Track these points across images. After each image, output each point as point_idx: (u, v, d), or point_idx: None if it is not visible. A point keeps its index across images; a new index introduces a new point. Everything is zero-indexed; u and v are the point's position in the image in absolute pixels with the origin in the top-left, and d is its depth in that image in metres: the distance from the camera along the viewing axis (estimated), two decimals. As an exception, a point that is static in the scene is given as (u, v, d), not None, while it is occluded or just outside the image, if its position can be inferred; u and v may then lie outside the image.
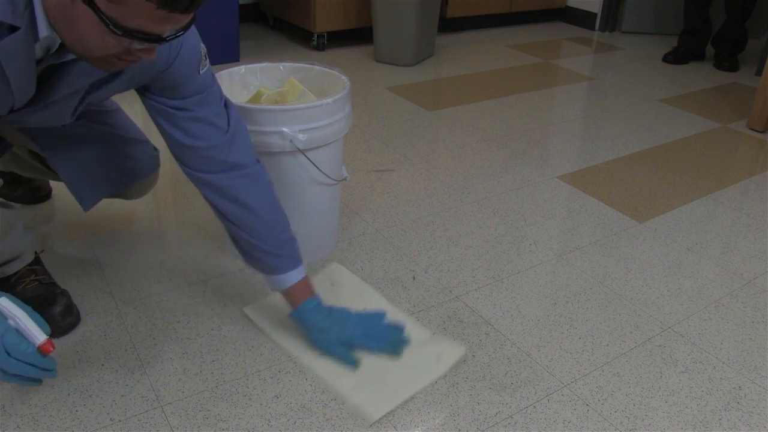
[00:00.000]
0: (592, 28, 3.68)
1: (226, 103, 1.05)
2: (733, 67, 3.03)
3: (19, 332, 0.82)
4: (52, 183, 1.62)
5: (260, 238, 1.08)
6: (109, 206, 1.56)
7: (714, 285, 1.40)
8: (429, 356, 1.12)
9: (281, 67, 1.43)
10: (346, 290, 1.30)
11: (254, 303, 1.25)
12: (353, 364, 1.09)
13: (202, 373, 1.08)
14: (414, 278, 1.37)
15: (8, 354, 0.80)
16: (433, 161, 1.92)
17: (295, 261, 1.11)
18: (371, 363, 1.10)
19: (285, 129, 1.21)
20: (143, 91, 0.99)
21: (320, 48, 2.97)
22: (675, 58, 3.10)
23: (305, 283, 1.12)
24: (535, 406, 1.05)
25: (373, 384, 1.07)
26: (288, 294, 1.12)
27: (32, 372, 0.83)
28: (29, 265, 1.18)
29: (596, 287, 1.37)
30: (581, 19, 3.73)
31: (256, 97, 1.36)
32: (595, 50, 3.29)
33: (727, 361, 1.18)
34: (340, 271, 1.36)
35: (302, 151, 1.24)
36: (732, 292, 1.38)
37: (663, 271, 1.44)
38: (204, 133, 1.02)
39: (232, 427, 0.99)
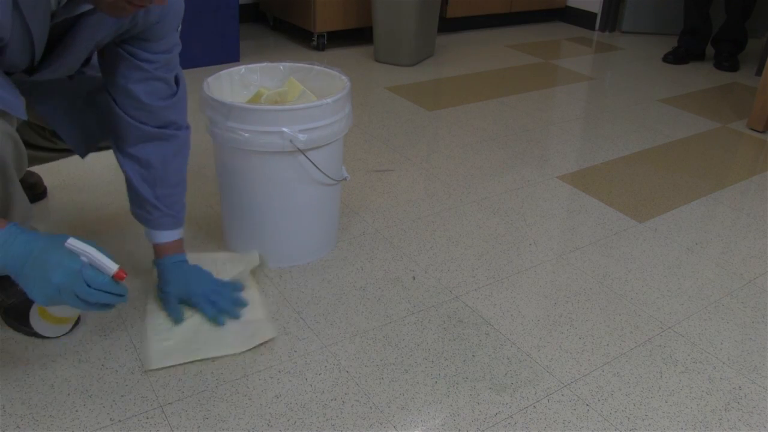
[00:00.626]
0: (592, 28, 3.68)
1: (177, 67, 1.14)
2: (733, 67, 3.03)
3: (92, 266, 0.91)
4: (49, 181, 1.62)
5: (159, 196, 1.16)
6: (109, 206, 1.56)
7: (714, 285, 1.40)
8: (245, 331, 1.17)
9: (281, 67, 1.43)
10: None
11: None
12: (178, 318, 1.16)
13: (202, 373, 1.08)
14: (414, 278, 1.37)
15: (88, 286, 0.89)
16: (433, 161, 1.92)
17: (179, 223, 1.21)
18: (194, 323, 1.17)
19: (285, 129, 1.21)
20: (120, 43, 1.03)
21: (320, 48, 2.97)
22: (675, 58, 3.09)
23: (179, 243, 1.21)
24: (535, 406, 1.05)
25: (177, 340, 1.13)
26: (161, 247, 1.20)
27: (109, 299, 0.92)
28: None
29: (596, 287, 1.37)
30: (581, 19, 3.73)
31: (256, 97, 1.36)
32: (595, 50, 3.29)
33: (727, 361, 1.18)
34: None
35: (302, 151, 1.24)
36: (732, 292, 1.38)
37: (663, 271, 1.44)
38: (159, 91, 1.10)
39: (232, 427, 0.99)
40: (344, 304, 1.28)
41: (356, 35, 3.18)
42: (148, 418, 0.99)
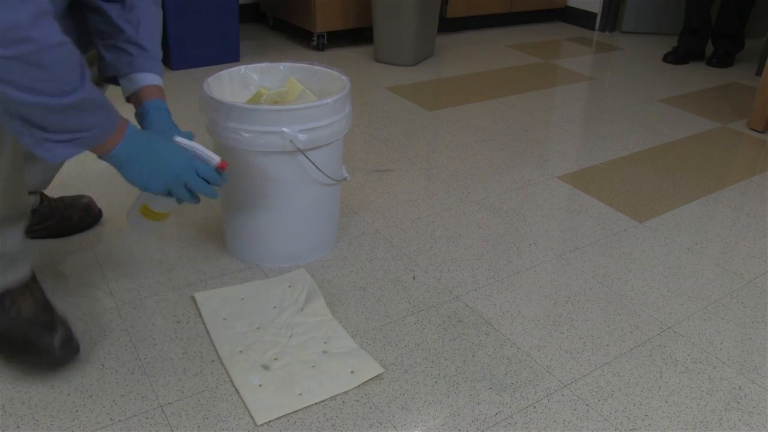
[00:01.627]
0: (592, 28, 3.68)
1: None
2: (724, 64, 3.03)
3: (199, 158, 1.04)
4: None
5: (142, 38, 1.07)
6: (110, 207, 1.56)
7: (714, 285, 1.40)
8: (344, 368, 1.10)
9: (281, 67, 1.43)
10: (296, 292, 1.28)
11: (206, 291, 1.26)
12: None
13: (202, 373, 1.08)
14: (414, 278, 1.37)
15: (197, 175, 1.02)
16: (433, 161, 1.92)
17: (160, 68, 1.12)
18: (285, 363, 1.10)
19: (285, 129, 1.21)
20: None
21: (320, 48, 2.97)
22: (675, 57, 3.09)
23: (161, 90, 1.11)
24: (535, 406, 1.05)
25: (277, 386, 1.05)
26: (144, 90, 1.09)
27: (210, 189, 1.05)
28: (25, 284, 1.05)
29: (596, 287, 1.37)
30: (581, 19, 3.73)
31: (256, 97, 1.36)
32: (595, 50, 3.29)
33: (727, 361, 1.18)
34: (302, 276, 1.33)
35: (302, 151, 1.24)
36: (732, 292, 1.38)
37: (663, 271, 1.44)
38: None
39: (232, 427, 0.99)
40: (344, 304, 1.28)
41: (356, 35, 3.18)
42: (148, 418, 0.99)
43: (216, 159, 1.05)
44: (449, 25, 3.43)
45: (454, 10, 3.29)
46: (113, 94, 1.08)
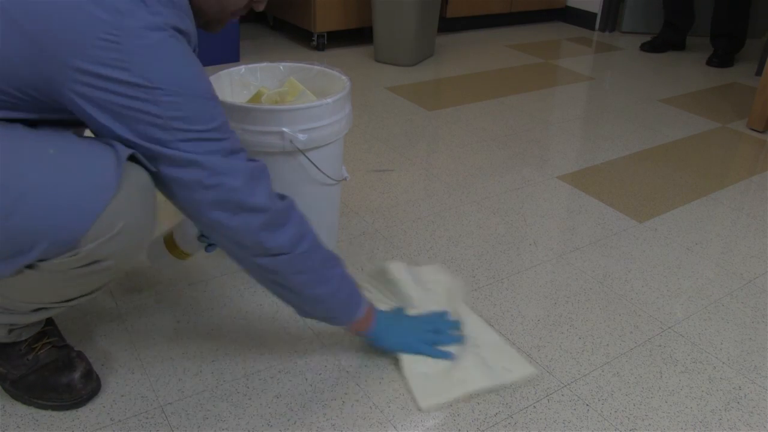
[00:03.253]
0: (592, 28, 3.68)
1: None
2: (723, 64, 3.03)
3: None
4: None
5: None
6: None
7: (714, 285, 1.40)
8: (499, 362, 1.12)
9: (281, 67, 1.43)
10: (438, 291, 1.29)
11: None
12: (449, 357, 1.12)
13: (202, 373, 1.08)
14: (414, 278, 1.37)
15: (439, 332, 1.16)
16: (433, 161, 1.92)
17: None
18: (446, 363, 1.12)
19: (285, 129, 1.21)
20: None
21: (320, 48, 2.97)
22: (652, 47, 3.22)
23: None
24: (535, 406, 1.05)
25: (439, 375, 1.08)
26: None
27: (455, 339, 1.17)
28: (40, 327, 1.03)
29: (596, 287, 1.37)
30: (581, 19, 3.73)
31: (256, 97, 1.36)
32: (595, 50, 3.29)
33: (727, 361, 1.18)
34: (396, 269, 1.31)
35: (302, 151, 1.24)
36: (732, 292, 1.38)
37: (663, 271, 1.44)
38: None
39: (232, 427, 0.99)
40: (344, 304, 1.27)
41: (356, 35, 3.18)
42: (148, 418, 0.99)
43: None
44: (449, 25, 3.43)
45: (454, 10, 3.30)
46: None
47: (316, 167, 1.28)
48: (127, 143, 0.80)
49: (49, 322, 1.05)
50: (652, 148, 2.11)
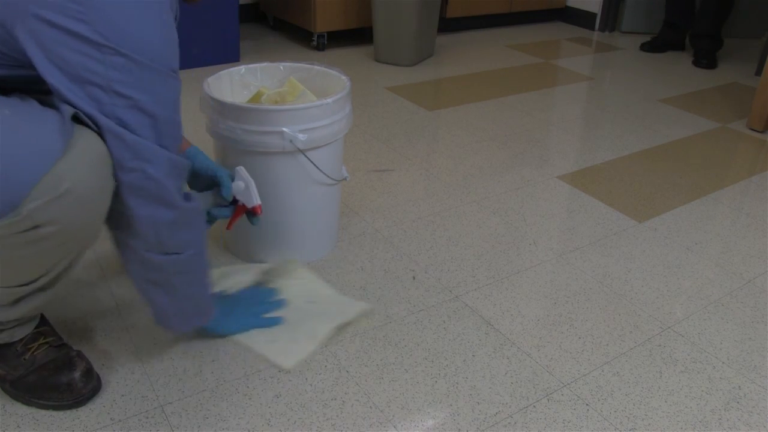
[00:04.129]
0: (592, 28, 3.68)
1: None
2: (712, 64, 3.03)
3: (245, 191, 1.17)
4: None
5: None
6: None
7: (714, 285, 1.40)
8: (336, 309, 1.23)
9: (281, 67, 1.44)
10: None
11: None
12: (279, 322, 1.19)
13: (202, 373, 1.08)
14: (414, 278, 1.37)
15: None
16: (433, 161, 1.92)
17: None
18: (285, 319, 1.21)
19: (285, 129, 1.21)
20: None
21: (320, 48, 2.97)
22: (652, 47, 3.22)
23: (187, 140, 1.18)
24: (535, 406, 1.05)
25: (285, 338, 1.16)
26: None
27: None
28: (36, 327, 1.03)
29: (596, 287, 1.37)
30: (581, 19, 3.73)
31: (256, 97, 1.36)
32: (595, 50, 3.29)
33: (727, 361, 1.18)
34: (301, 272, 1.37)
35: (302, 151, 1.24)
36: (732, 292, 1.38)
37: (663, 271, 1.44)
38: None
39: (232, 427, 0.99)
40: (344, 304, 1.28)
41: (356, 35, 3.18)
42: (148, 418, 0.99)
43: (256, 201, 1.17)
44: (449, 25, 3.43)
45: (454, 10, 3.29)
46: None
47: (316, 167, 1.28)
48: (70, 102, 0.78)
49: (45, 322, 1.05)
50: (652, 148, 2.11)
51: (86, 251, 0.92)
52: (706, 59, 3.03)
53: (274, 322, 1.19)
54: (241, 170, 1.18)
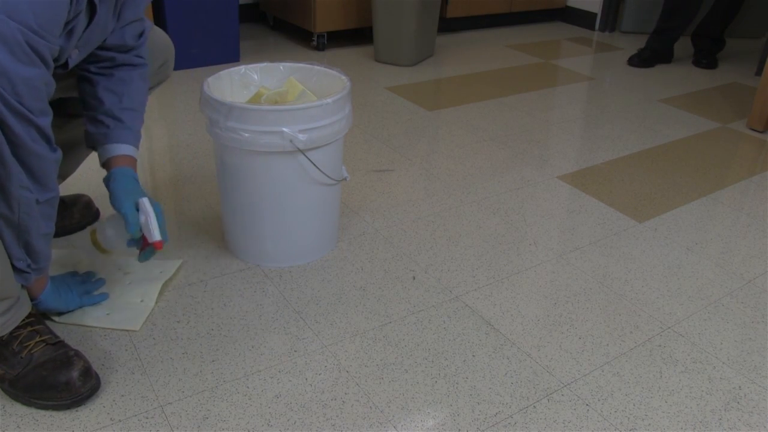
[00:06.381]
0: (592, 28, 3.68)
1: None
2: (712, 65, 3.02)
3: (146, 225, 1.12)
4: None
5: (125, 108, 1.16)
6: (109, 208, 1.56)
7: (714, 285, 1.40)
8: (153, 272, 1.32)
9: (281, 67, 1.43)
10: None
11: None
12: (106, 297, 1.24)
13: (202, 373, 1.08)
14: (414, 278, 1.37)
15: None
16: (433, 161, 1.92)
17: (137, 139, 1.19)
18: (110, 293, 1.26)
19: (285, 129, 1.21)
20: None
21: (320, 48, 2.97)
22: (640, 60, 3.00)
23: (133, 160, 1.18)
24: (535, 406, 1.05)
25: (120, 308, 1.22)
26: (115, 159, 1.16)
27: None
28: (31, 326, 1.04)
29: (596, 287, 1.37)
30: (581, 19, 3.73)
31: (256, 97, 1.36)
32: (595, 50, 3.29)
33: (727, 361, 1.18)
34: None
35: (302, 151, 1.24)
36: (732, 292, 1.38)
37: (663, 271, 1.44)
38: (137, 28, 1.18)
39: (232, 427, 0.99)
40: (344, 304, 1.28)
41: (356, 35, 3.18)
42: (148, 418, 0.99)
43: (155, 237, 1.11)
44: (449, 25, 3.43)
45: (454, 10, 3.30)
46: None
47: (316, 167, 1.28)
48: None
49: (39, 321, 1.07)
50: (652, 148, 2.11)
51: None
52: (706, 59, 3.02)
53: (102, 298, 1.23)
54: (144, 203, 1.12)
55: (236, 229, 1.37)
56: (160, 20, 2.51)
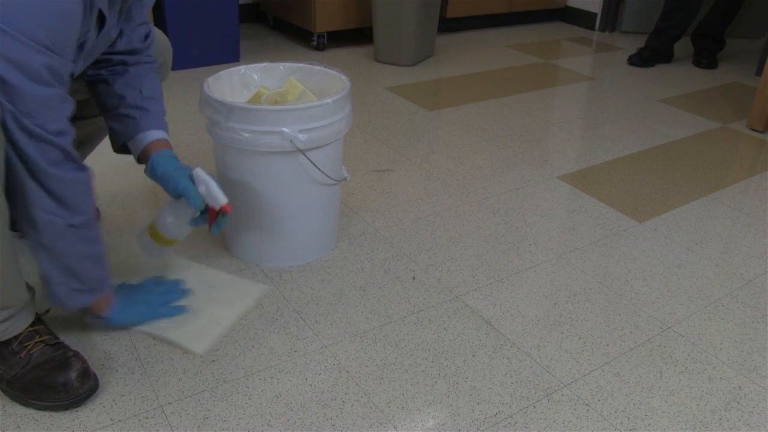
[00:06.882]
0: (592, 28, 3.68)
1: None
2: (712, 65, 3.02)
3: (208, 194, 1.11)
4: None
5: (146, 98, 1.15)
6: (110, 207, 1.56)
7: (714, 285, 1.40)
8: (237, 293, 1.27)
9: (281, 67, 1.44)
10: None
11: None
12: (183, 311, 1.20)
13: (202, 373, 1.08)
14: (414, 278, 1.37)
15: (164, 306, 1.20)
16: (433, 161, 1.92)
17: (165, 124, 1.18)
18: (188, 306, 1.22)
19: (285, 129, 1.21)
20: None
21: (320, 48, 2.97)
22: (641, 59, 2.99)
23: (167, 142, 1.17)
24: (535, 406, 1.05)
25: (191, 323, 1.17)
26: (151, 145, 1.15)
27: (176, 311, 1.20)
28: (31, 326, 1.03)
29: (596, 287, 1.37)
30: (581, 19, 3.73)
31: (256, 97, 1.36)
32: (595, 50, 3.29)
33: (727, 361, 1.18)
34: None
35: (302, 151, 1.24)
36: (732, 292, 1.38)
37: (663, 271, 1.44)
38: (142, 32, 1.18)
39: (232, 427, 0.99)
40: (344, 304, 1.28)
41: (356, 35, 3.18)
42: (148, 418, 0.99)
43: (222, 201, 1.11)
44: (449, 25, 3.43)
45: (454, 10, 3.30)
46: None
47: (316, 167, 1.28)
48: None
49: (39, 321, 1.06)
50: (652, 148, 2.11)
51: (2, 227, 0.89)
52: (706, 59, 3.02)
53: (179, 311, 1.19)
54: (199, 172, 1.12)
55: (236, 229, 1.37)
56: (160, 20, 2.51)
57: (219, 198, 1.10)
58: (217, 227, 1.16)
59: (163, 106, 1.20)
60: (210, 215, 1.15)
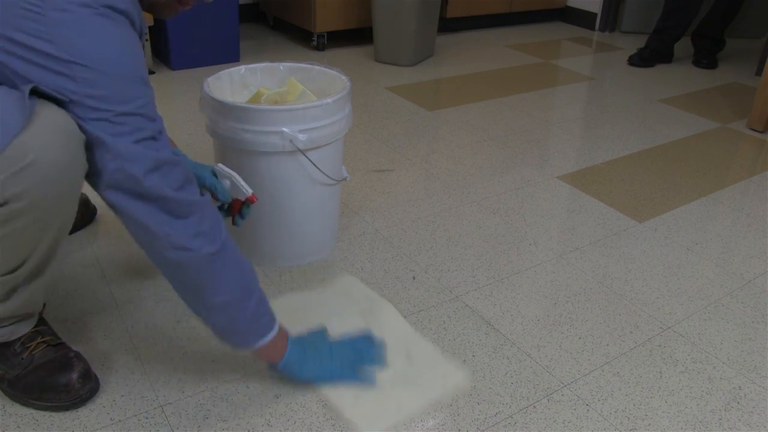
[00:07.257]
0: (592, 28, 3.68)
1: None
2: (712, 65, 3.02)
3: (232, 186, 1.17)
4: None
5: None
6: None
7: (714, 285, 1.40)
8: (434, 375, 1.10)
9: (281, 67, 1.43)
10: (360, 303, 1.27)
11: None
12: (372, 382, 1.07)
13: (202, 373, 1.08)
14: (414, 278, 1.37)
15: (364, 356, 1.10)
16: (433, 161, 1.92)
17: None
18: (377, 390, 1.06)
19: (285, 129, 1.21)
20: None
21: (320, 48, 2.97)
22: (641, 59, 2.99)
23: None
24: (535, 406, 1.05)
25: (373, 399, 1.04)
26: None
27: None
28: (33, 326, 1.03)
29: (596, 287, 1.37)
30: (581, 19, 3.73)
31: (256, 97, 1.36)
32: (595, 50, 3.29)
33: (727, 361, 1.18)
34: (351, 282, 1.34)
35: (302, 151, 1.24)
36: (732, 292, 1.38)
37: (663, 271, 1.44)
38: None
39: (232, 427, 0.99)
40: (344, 304, 1.27)
41: (356, 35, 3.18)
42: (148, 418, 0.99)
43: (248, 192, 1.17)
44: (449, 25, 3.43)
45: (454, 10, 3.30)
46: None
47: (316, 167, 1.28)
48: None
49: (43, 321, 1.05)
50: (652, 148, 2.11)
51: (66, 233, 0.90)
52: (706, 59, 3.02)
53: (368, 380, 1.06)
54: (221, 167, 1.19)
55: (236, 229, 1.37)
56: (160, 20, 2.51)
57: (245, 188, 1.17)
58: (241, 217, 1.20)
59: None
60: (233, 207, 1.20)
